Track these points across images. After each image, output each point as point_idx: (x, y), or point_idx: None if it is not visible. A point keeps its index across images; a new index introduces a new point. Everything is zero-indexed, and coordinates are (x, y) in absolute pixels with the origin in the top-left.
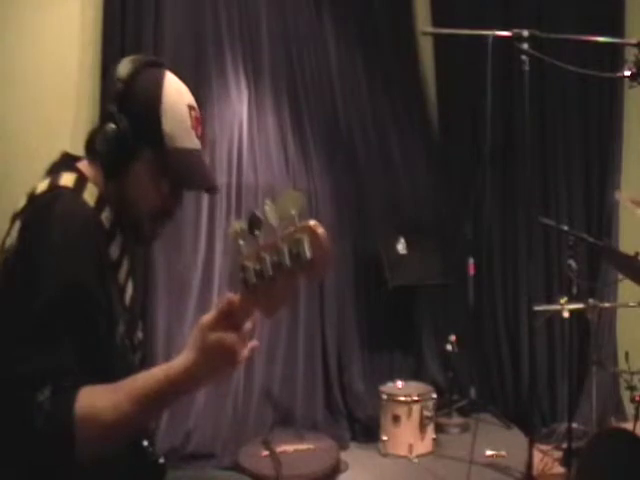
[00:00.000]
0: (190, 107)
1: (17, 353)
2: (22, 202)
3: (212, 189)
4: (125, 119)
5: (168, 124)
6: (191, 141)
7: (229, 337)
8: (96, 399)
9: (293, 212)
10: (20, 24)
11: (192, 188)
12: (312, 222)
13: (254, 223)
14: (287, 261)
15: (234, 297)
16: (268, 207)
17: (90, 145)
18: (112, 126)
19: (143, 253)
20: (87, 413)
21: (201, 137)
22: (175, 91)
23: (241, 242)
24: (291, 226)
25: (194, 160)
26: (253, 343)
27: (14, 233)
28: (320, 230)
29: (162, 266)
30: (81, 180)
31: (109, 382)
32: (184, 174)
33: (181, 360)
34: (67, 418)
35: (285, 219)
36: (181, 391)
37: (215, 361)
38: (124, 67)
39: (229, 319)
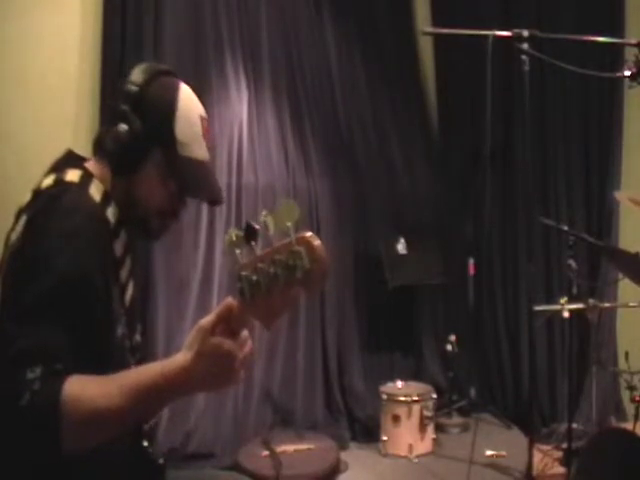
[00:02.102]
0: (202, 118)
1: (12, 331)
2: (27, 197)
3: (216, 202)
4: (138, 121)
5: (181, 131)
6: (201, 151)
7: (227, 342)
8: (87, 386)
9: (289, 223)
10: (20, 24)
11: (197, 197)
12: (309, 234)
13: (250, 233)
14: (284, 273)
15: (233, 302)
16: (265, 218)
17: (99, 143)
18: (124, 126)
19: (143, 253)
20: (75, 398)
21: (210, 149)
22: (189, 100)
23: (237, 251)
24: (288, 238)
25: (202, 171)
26: (250, 351)
27: (19, 228)
28: (317, 242)
29: (162, 266)
30: (87, 176)
31: None
32: (191, 183)
33: (178, 359)
34: (54, 400)
35: (282, 230)
36: (174, 391)
37: (212, 364)
38: (139, 72)
39: (227, 324)
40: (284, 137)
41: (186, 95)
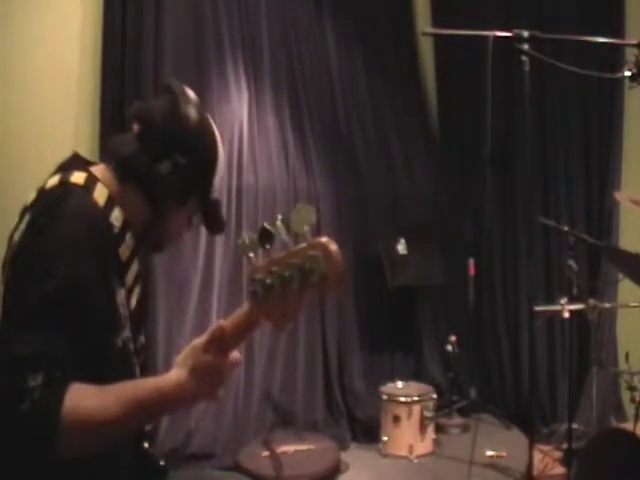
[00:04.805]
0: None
1: (14, 336)
2: (32, 196)
3: (219, 233)
4: (185, 163)
5: (217, 179)
6: (218, 190)
7: (219, 361)
8: (86, 396)
9: (305, 227)
10: (20, 25)
11: (209, 232)
12: (325, 239)
13: (265, 237)
14: (299, 276)
15: (225, 324)
16: (280, 221)
17: (119, 160)
18: (168, 167)
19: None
20: (75, 408)
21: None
22: (220, 143)
23: (251, 254)
24: (303, 242)
25: (219, 207)
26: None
27: (23, 227)
28: (334, 247)
29: (162, 268)
30: (91, 179)
31: (106, 384)
32: (214, 220)
33: (172, 375)
34: (54, 409)
35: (298, 234)
36: (168, 405)
37: (204, 382)
38: (192, 108)
39: (219, 344)
40: (284, 137)
41: (219, 138)
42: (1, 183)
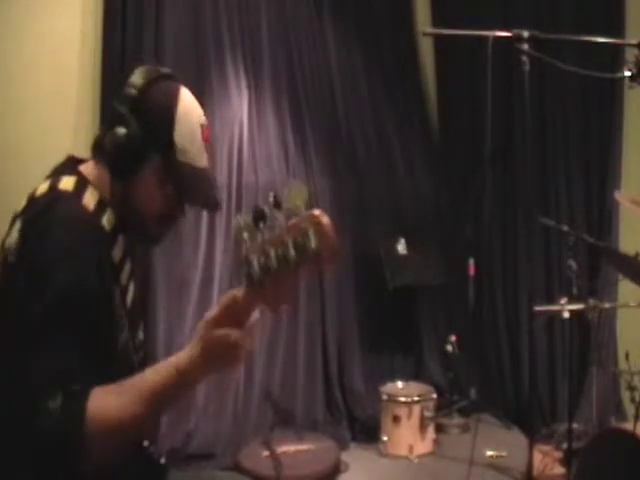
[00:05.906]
0: (202, 126)
1: (24, 361)
2: (23, 203)
3: (213, 209)
4: (136, 124)
5: (179, 136)
6: (200, 158)
7: (233, 333)
8: (107, 401)
9: (298, 203)
10: (20, 25)
11: (194, 204)
12: (316, 212)
13: (259, 217)
14: (292, 252)
15: (237, 293)
16: (272, 199)
17: (98, 146)
18: (122, 129)
19: (143, 253)
20: (98, 417)
21: (209, 156)
22: (190, 107)
23: (245, 235)
24: (296, 217)
25: (200, 178)
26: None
27: (14, 233)
28: (325, 219)
29: (162, 266)
30: (81, 183)
31: (111, 383)
32: (189, 189)
33: (187, 353)
34: (79, 422)
35: (290, 212)
36: (188, 383)
37: (219, 356)
38: (140, 75)
39: (232, 315)
40: (284, 137)
41: (186, 101)
42: (1, 183)
